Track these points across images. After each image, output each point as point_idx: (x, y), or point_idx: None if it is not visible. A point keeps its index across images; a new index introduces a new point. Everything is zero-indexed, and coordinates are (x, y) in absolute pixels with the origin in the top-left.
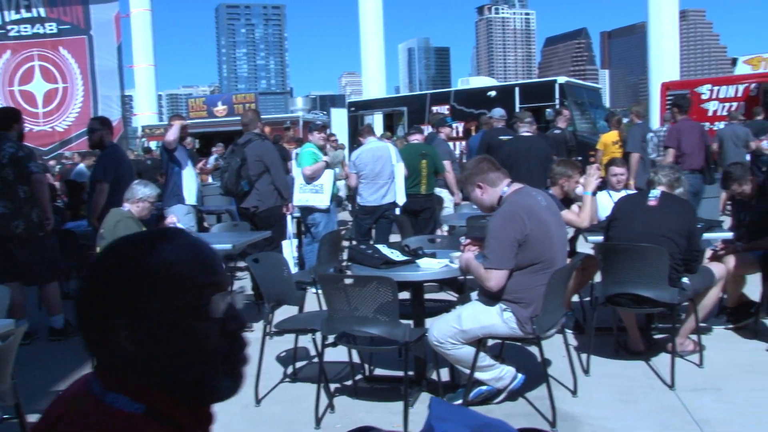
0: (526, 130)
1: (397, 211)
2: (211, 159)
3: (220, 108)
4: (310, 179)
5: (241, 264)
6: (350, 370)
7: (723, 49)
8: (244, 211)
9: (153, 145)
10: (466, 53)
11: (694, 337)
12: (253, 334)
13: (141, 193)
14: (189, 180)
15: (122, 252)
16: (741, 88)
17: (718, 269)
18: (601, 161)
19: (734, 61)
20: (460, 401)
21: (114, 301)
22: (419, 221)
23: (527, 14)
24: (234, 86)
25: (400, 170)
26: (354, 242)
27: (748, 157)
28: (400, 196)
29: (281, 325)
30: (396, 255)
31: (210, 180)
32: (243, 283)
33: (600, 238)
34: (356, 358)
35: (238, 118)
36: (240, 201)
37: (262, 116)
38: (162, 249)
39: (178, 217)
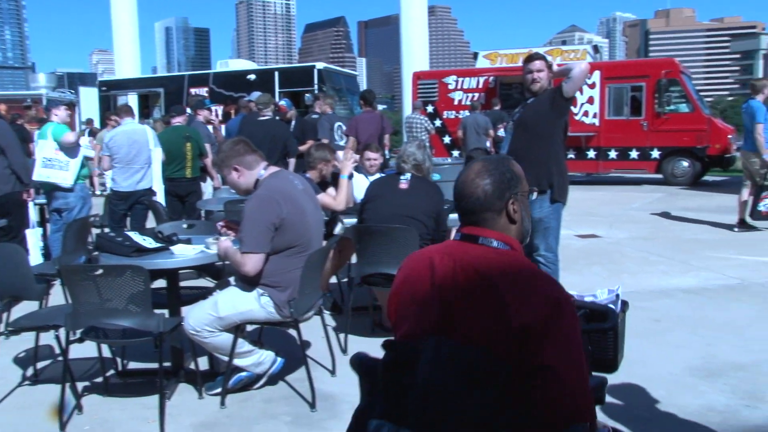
0: (264, 113)
1: (162, 198)
2: None
3: None
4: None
5: None
6: (100, 366)
7: (467, 44)
8: None
9: None
10: (226, 35)
11: None
12: None
13: None
14: None
15: (500, 164)
16: (482, 80)
17: None
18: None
19: (475, 55)
20: (219, 390)
21: (510, 188)
22: (186, 206)
23: None
24: None
25: (158, 155)
26: (105, 230)
27: (488, 144)
28: (156, 182)
29: (18, 323)
30: (149, 242)
31: None
32: None
33: (355, 221)
34: (108, 353)
35: None
36: None
37: None
38: (508, 161)
39: None
